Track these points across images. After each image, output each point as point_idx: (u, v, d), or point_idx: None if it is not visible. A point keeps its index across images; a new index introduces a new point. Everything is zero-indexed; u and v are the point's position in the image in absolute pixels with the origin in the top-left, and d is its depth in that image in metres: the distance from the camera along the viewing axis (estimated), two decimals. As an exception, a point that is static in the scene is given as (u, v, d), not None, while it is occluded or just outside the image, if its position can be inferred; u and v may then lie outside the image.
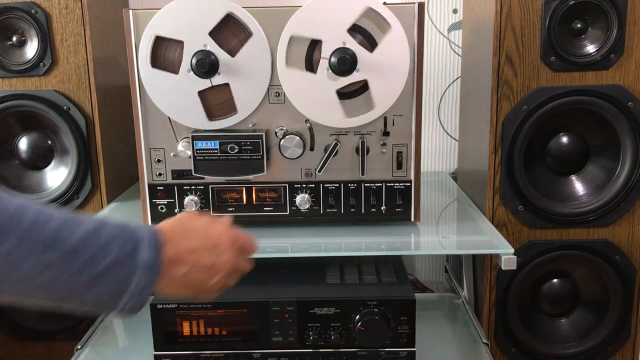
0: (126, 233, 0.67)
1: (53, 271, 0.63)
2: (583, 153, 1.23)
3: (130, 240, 0.67)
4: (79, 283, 0.64)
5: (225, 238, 0.78)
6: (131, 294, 0.68)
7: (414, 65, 1.06)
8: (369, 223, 1.16)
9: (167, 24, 1.03)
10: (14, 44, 1.30)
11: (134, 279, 0.67)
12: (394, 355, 1.04)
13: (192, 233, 0.76)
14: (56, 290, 0.64)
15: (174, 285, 0.73)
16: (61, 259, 0.63)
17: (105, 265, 0.65)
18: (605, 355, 1.30)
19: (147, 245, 0.68)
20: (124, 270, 0.67)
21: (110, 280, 0.66)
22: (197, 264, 0.74)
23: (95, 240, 0.65)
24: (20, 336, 1.46)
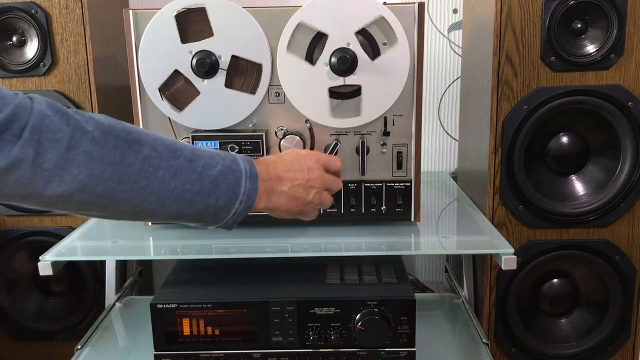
0: (221, 152, 0.78)
1: (181, 176, 0.72)
2: (583, 153, 1.23)
3: (228, 156, 0.78)
4: (202, 187, 0.73)
5: (310, 158, 0.89)
6: (242, 198, 0.77)
7: (414, 65, 1.06)
8: (369, 223, 1.16)
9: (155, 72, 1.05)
10: (14, 44, 1.30)
11: (242, 182, 0.77)
12: (394, 355, 1.04)
13: (281, 159, 0.87)
14: (185, 196, 0.72)
15: (278, 200, 0.84)
16: (185, 165, 0.72)
17: (218, 171, 0.75)
18: (605, 355, 1.30)
19: (243, 160, 0.79)
20: (233, 175, 0.76)
21: (225, 183, 0.75)
22: (295, 180, 0.85)
23: (202, 153, 0.75)
24: (20, 336, 1.46)
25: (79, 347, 1.19)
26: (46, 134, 0.61)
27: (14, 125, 0.59)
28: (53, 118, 0.62)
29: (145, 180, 0.69)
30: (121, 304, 1.37)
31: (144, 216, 0.74)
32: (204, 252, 1.06)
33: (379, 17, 1.03)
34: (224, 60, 1.04)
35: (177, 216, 0.75)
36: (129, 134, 0.68)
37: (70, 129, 0.63)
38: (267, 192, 0.82)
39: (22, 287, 1.45)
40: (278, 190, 0.84)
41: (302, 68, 1.04)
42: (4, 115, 0.58)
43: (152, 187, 0.69)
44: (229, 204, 0.77)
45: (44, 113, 0.61)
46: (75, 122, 0.64)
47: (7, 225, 1.39)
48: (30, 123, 0.60)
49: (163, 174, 0.70)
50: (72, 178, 0.64)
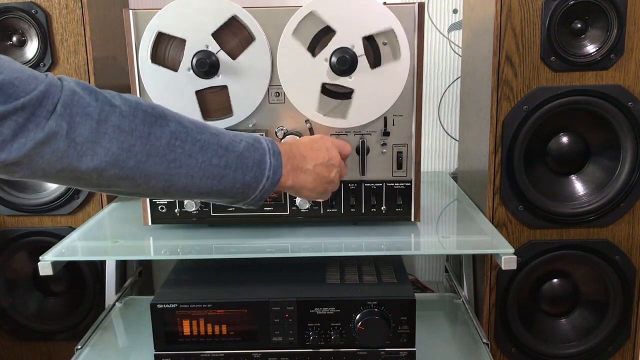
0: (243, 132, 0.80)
1: (208, 150, 0.74)
2: (583, 153, 1.23)
3: (250, 135, 0.80)
4: (229, 161, 0.75)
5: (326, 139, 0.93)
6: (268, 174, 0.79)
7: (414, 66, 1.06)
8: (369, 223, 1.16)
9: (171, 22, 1.03)
10: (14, 44, 1.30)
11: (267, 158, 0.79)
12: (394, 355, 1.04)
13: (299, 141, 0.90)
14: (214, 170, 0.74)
15: (306, 178, 0.87)
16: (211, 139, 0.74)
17: (243, 147, 0.77)
18: (605, 355, 1.30)
19: (264, 139, 0.81)
20: (258, 151, 0.78)
21: (251, 159, 0.77)
22: (318, 158, 0.89)
23: (225, 131, 0.77)
24: (20, 336, 1.46)
25: (79, 347, 1.19)
26: (77, 109, 0.64)
27: (48, 101, 0.62)
28: (82, 94, 0.65)
29: (173, 154, 0.71)
30: (121, 304, 1.37)
31: (175, 192, 0.75)
32: (204, 252, 1.06)
33: (389, 29, 1.03)
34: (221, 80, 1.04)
35: (207, 192, 0.77)
36: (154, 109, 0.71)
37: (99, 104, 0.66)
38: (294, 169, 0.85)
39: (22, 287, 1.45)
40: (304, 168, 0.86)
41: (302, 56, 1.04)
42: (38, 92, 0.61)
43: (180, 161, 0.72)
44: (256, 179, 0.78)
45: (74, 90, 0.65)
46: (103, 98, 0.67)
47: (7, 225, 1.39)
48: (62, 99, 0.63)
49: (190, 147, 0.72)
50: (104, 151, 0.66)
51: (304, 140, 0.91)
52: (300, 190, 0.88)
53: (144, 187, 0.72)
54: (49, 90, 0.62)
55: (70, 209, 1.36)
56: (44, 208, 1.36)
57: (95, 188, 0.71)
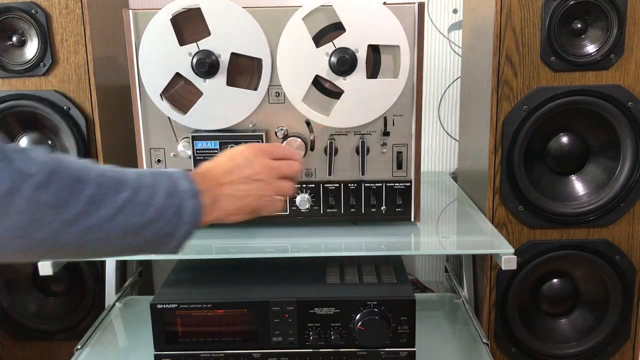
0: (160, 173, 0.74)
1: (127, 210, 0.68)
2: (583, 153, 1.23)
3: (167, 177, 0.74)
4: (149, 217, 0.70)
5: (247, 151, 0.85)
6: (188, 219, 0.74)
7: (414, 65, 1.06)
8: (369, 223, 1.16)
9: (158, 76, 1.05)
10: (14, 44, 1.30)
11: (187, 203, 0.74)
12: (394, 355, 1.04)
13: (216, 163, 0.83)
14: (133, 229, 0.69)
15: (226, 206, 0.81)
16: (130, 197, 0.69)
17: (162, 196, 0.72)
18: (605, 355, 1.30)
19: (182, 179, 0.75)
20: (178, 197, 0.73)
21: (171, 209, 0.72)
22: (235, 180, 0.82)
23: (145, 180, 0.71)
24: (20, 336, 1.46)
25: (79, 347, 1.19)
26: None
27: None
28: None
29: (89, 221, 0.65)
30: (121, 304, 1.37)
31: (85, 256, 0.71)
32: (204, 252, 1.06)
33: (397, 45, 1.04)
34: (224, 59, 1.04)
35: (121, 250, 0.72)
36: (73, 173, 0.65)
37: (11, 173, 0.60)
38: (212, 202, 0.78)
39: (22, 287, 1.45)
40: (221, 196, 0.80)
41: (305, 43, 1.04)
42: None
43: (98, 226, 0.66)
44: (176, 227, 0.73)
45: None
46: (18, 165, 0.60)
47: (7, 225, 1.39)
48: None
49: (108, 210, 0.66)
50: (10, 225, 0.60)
51: (220, 161, 0.84)
52: (227, 218, 0.83)
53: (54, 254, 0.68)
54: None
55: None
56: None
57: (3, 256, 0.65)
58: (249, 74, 1.06)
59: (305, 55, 1.04)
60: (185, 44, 1.04)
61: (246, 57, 1.05)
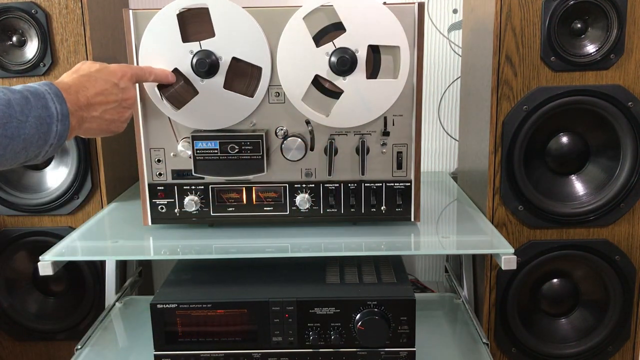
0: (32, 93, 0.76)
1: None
2: (583, 153, 1.23)
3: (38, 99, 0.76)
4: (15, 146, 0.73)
5: (124, 78, 0.91)
6: (52, 141, 0.78)
7: (414, 66, 1.06)
8: (369, 223, 1.16)
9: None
10: (14, 44, 1.30)
11: (54, 127, 0.77)
12: (394, 355, 1.04)
13: (92, 80, 0.87)
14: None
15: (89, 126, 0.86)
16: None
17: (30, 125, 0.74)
18: (605, 355, 1.30)
19: (53, 99, 0.78)
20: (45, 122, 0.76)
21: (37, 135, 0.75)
22: (108, 104, 0.88)
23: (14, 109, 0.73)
24: (20, 336, 1.46)
25: (79, 347, 1.19)
26: None
27: None
28: None
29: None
30: (121, 304, 1.37)
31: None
32: (204, 252, 1.06)
33: (396, 45, 1.04)
34: (224, 61, 1.04)
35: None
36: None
37: None
38: (79, 123, 0.83)
39: (22, 287, 1.45)
40: (89, 117, 0.85)
41: (306, 42, 1.04)
42: None
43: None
44: (39, 150, 0.77)
45: None
46: None
47: (7, 225, 1.39)
48: None
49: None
50: None
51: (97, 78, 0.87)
52: (85, 134, 0.89)
53: None
54: None
55: (70, 209, 1.36)
56: (44, 208, 1.36)
57: None
58: (247, 79, 1.06)
59: (305, 55, 1.04)
60: (188, 41, 1.03)
61: (247, 63, 1.05)
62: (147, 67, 1.00)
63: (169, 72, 1.03)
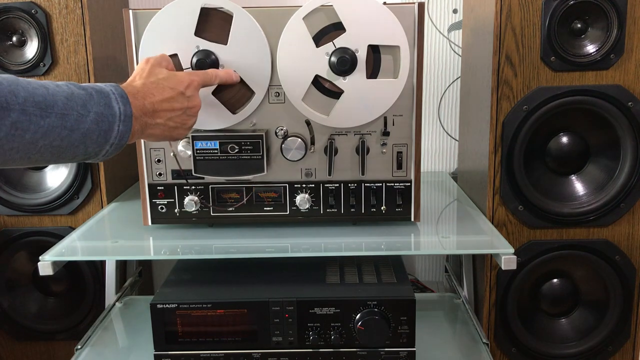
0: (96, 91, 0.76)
1: (51, 135, 0.71)
2: (583, 153, 1.23)
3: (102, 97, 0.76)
4: (72, 141, 0.73)
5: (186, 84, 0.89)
6: (113, 141, 0.78)
7: (414, 65, 1.06)
8: (369, 223, 1.16)
9: (155, 46, 1.04)
10: (14, 44, 1.30)
11: (116, 126, 0.77)
12: (394, 355, 1.04)
13: (160, 87, 0.86)
14: (54, 151, 0.73)
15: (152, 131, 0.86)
16: (56, 123, 0.71)
17: (90, 121, 0.74)
18: (605, 355, 1.30)
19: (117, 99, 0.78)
20: (106, 121, 0.76)
21: (97, 132, 0.75)
22: (173, 111, 0.87)
23: (75, 103, 0.73)
24: (20, 336, 1.46)
25: (79, 347, 1.19)
26: None
27: None
28: None
29: (11, 144, 0.69)
30: (121, 304, 1.37)
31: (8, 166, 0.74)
32: (204, 252, 1.06)
33: (397, 46, 1.04)
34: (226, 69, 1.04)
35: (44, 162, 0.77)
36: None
37: None
38: (142, 127, 0.83)
39: (22, 287, 1.45)
40: (153, 123, 0.84)
41: (306, 43, 1.04)
42: None
43: (18, 148, 0.70)
44: (99, 148, 0.77)
45: None
46: None
47: (7, 225, 1.39)
48: None
49: (32, 135, 0.70)
50: None
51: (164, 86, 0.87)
52: (147, 139, 0.90)
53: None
54: None
55: (70, 209, 1.36)
56: (44, 208, 1.36)
57: None
58: (238, 94, 1.07)
59: (305, 55, 1.04)
60: (200, 37, 1.03)
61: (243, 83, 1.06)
62: (211, 71, 0.98)
63: (232, 72, 1.01)
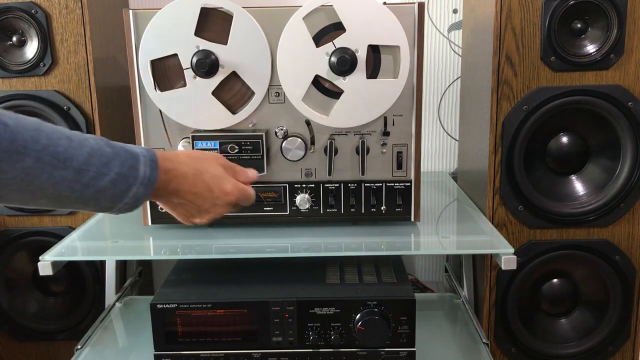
0: (126, 152, 0.75)
1: (62, 185, 0.69)
2: (583, 153, 1.23)
3: (128, 159, 0.75)
4: (85, 194, 0.72)
5: (225, 199, 0.86)
6: (127, 200, 0.76)
7: (414, 65, 1.06)
8: (369, 223, 1.16)
9: (155, 46, 1.04)
10: (14, 44, 1.30)
11: (134, 188, 0.75)
12: (394, 355, 1.04)
13: (201, 178, 0.84)
14: (63, 200, 0.71)
15: (167, 206, 0.86)
16: (70, 176, 0.69)
17: (108, 181, 0.72)
18: (605, 355, 1.30)
19: (145, 163, 0.76)
20: (126, 182, 0.74)
21: (112, 191, 0.73)
22: (193, 203, 0.84)
23: (99, 159, 0.72)
24: (20, 336, 1.46)
25: (79, 347, 1.19)
26: None
27: None
28: None
29: (18, 186, 0.67)
30: (121, 304, 1.37)
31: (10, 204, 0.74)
32: (204, 252, 1.06)
33: (397, 46, 1.04)
34: (224, 69, 1.04)
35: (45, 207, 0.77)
36: (12, 143, 0.65)
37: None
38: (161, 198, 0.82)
39: (22, 287, 1.45)
40: (172, 201, 0.83)
41: (306, 43, 1.04)
42: None
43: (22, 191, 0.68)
44: (112, 205, 0.75)
45: None
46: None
47: (7, 225, 1.39)
48: None
49: (40, 184, 0.68)
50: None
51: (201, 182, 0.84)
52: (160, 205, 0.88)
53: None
54: None
55: (70, 209, 1.36)
56: (44, 208, 1.36)
57: None
58: (238, 94, 1.07)
59: (305, 55, 1.04)
60: (200, 37, 1.03)
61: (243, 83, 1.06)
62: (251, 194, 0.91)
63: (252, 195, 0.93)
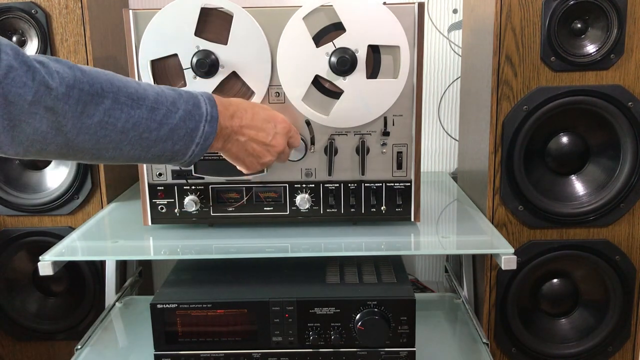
0: (186, 93, 0.81)
1: (141, 126, 0.75)
2: (583, 153, 1.23)
3: (191, 97, 0.81)
4: (160, 135, 0.77)
5: (281, 126, 0.95)
6: (198, 141, 0.81)
7: (414, 65, 1.06)
8: (369, 223, 1.16)
9: (155, 46, 1.04)
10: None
11: (202, 126, 0.81)
12: (394, 355, 1.04)
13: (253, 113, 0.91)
14: (143, 143, 0.76)
15: (234, 147, 0.89)
16: (145, 115, 0.75)
17: (179, 117, 0.78)
18: (605, 355, 1.30)
19: (205, 102, 0.82)
20: (193, 119, 0.80)
21: (184, 129, 0.79)
22: (256, 138, 0.91)
23: (165, 98, 0.78)
24: (20, 336, 1.46)
25: (79, 347, 1.19)
26: (9, 87, 0.63)
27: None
28: (19, 72, 0.63)
29: (104, 131, 0.72)
30: (121, 304, 1.37)
31: (100, 161, 0.77)
32: (204, 252, 1.06)
33: (397, 46, 1.04)
34: (224, 69, 1.04)
35: (134, 160, 0.79)
36: (92, 86, 0.70)
37: (35, 84, 0.64)
38: (224, 137, 0.87)
39: (22, 287, 1.45)
40: (234, 138, 0.88)
41: (306, 43, 1.04)
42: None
43: (110, 137, 0.73)
44: (186, 147, 0.80)
45: (11, 65, 0.63)
46: (40, 78, 0.65)
47: (7, 225, 1.39)
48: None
49: (123, 124, 0.73)
50: (31, 130, 0.66)
51: (259, 115, 0.92)
52: (224, 154, 0.92)
53: (71, 157, 0.74)
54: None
55: (70, 209, 1.36)
56: (44, 208, 1.36)
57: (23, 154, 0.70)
58: (238, 95, 1.06)
59: (305, 55, 1.04)
60: (200, 37, 1.03)
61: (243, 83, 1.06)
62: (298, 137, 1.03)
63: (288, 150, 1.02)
